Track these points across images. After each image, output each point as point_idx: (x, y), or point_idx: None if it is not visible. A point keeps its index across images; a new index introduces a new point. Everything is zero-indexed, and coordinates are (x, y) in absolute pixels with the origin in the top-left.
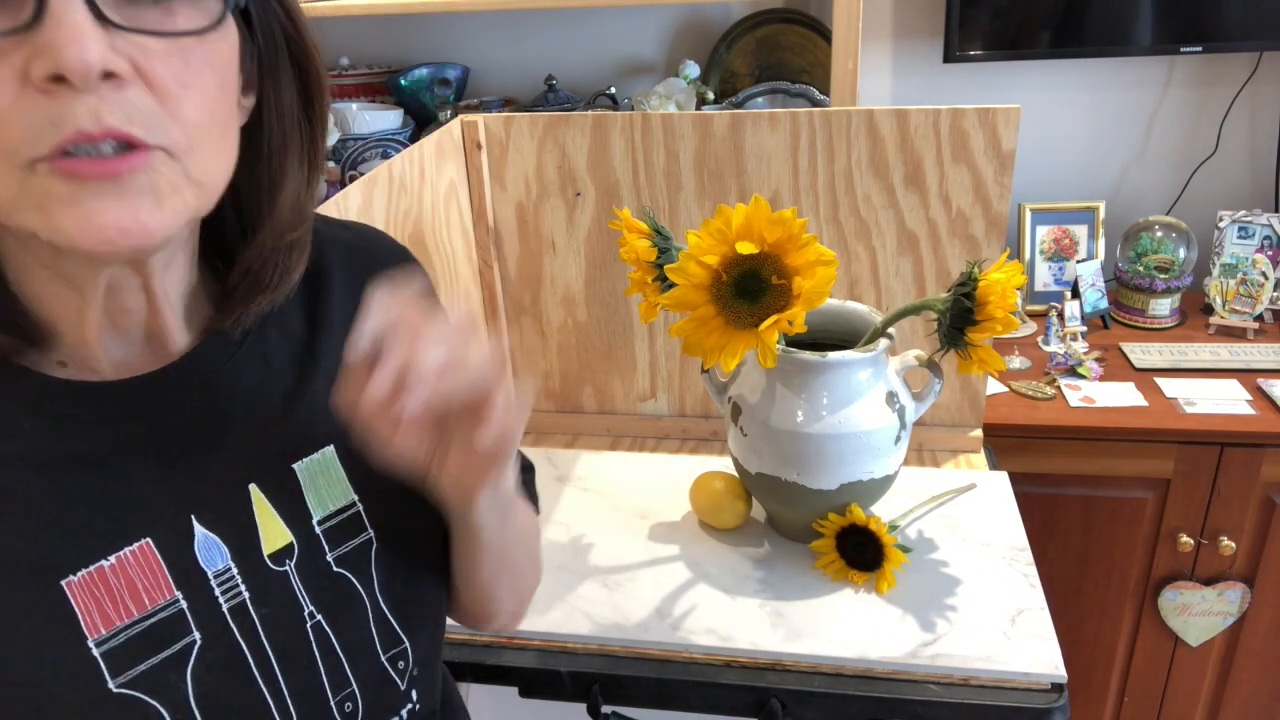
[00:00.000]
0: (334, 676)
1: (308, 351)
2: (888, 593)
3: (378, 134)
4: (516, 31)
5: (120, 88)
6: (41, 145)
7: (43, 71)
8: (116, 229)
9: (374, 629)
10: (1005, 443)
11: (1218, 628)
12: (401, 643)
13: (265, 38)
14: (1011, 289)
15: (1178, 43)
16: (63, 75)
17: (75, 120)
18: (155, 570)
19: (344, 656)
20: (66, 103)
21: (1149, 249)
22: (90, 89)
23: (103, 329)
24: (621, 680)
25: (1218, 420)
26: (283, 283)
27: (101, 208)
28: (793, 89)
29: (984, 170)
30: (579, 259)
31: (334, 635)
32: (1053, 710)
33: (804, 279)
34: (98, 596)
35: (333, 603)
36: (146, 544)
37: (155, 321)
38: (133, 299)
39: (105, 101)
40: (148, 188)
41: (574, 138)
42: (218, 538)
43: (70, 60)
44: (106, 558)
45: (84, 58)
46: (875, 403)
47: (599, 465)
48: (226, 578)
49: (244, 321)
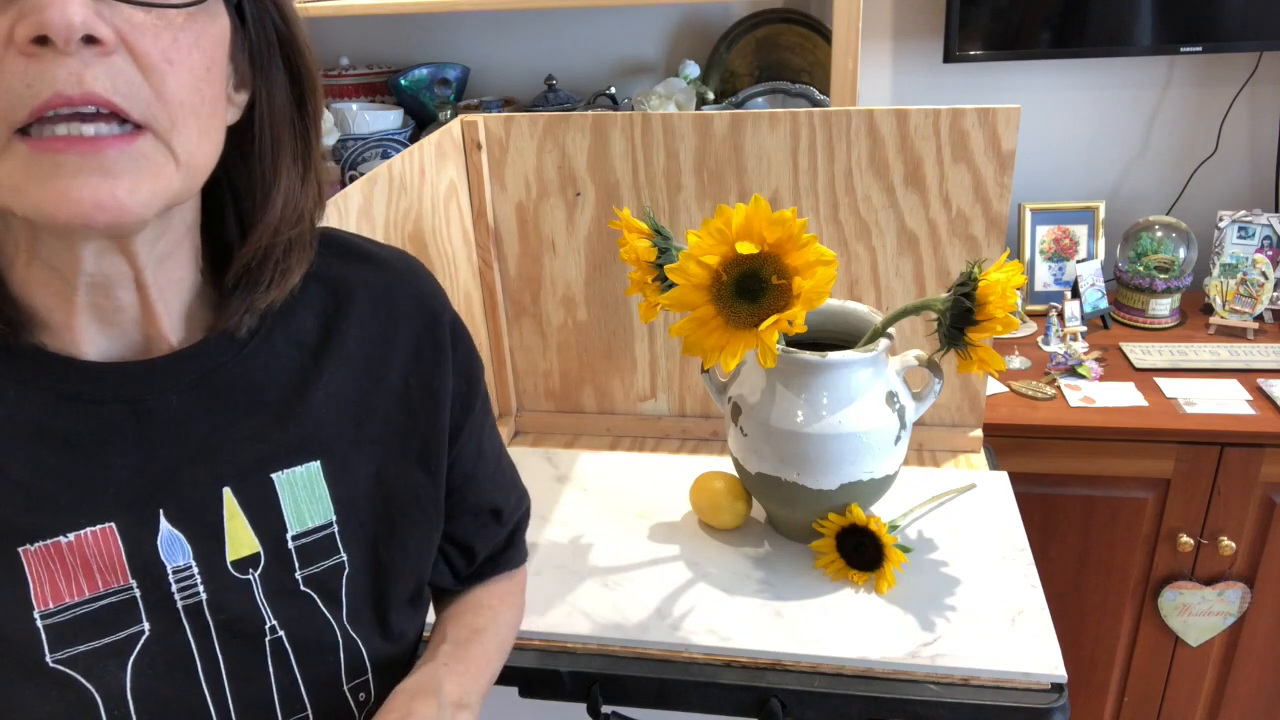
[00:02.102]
0: (287, 696)
1: (314, 362)
2: (888, 593)
3: (378, 134)
4: (516, 31)
5: (104, 54)
6: (20, 110)
7: (26, 33)
8: (92, 204)
9: (341, 655)
10: (1005, 443)
11: (1218, 628)
12: (365, 674)
13: (257, 33)
14: (1011, 289)
15: (1178, 43)
16: (45, 35)
17: (54, 83)
18: (113, 555)
19: (300, 678)
20: (47, 65)
21: (1149, 249)
22: (72, 51)
23: (90, 322)
24: (621, 680)
25: (1218, 420)
26: (282, 281)
27: (79, 184)
28: (793, 89)
29: (984, 170)
30: (579, 259)
31: (293, 654)
32: (1053, 710)
33: (804, 279)
34: (51, 570)
35: (296, 621)
36: (109, 528)
37: (148, 319)
38: (125, 294)
39: (89, 67)
40: (128, 167)
41: (574, 138)
42: (182, 535)
43: (53, 19)
44: (66, 534)
45: (66, 16)
46: (875, 403)
47: (599, 465)
48: (186, 575)
49: (247, 321)
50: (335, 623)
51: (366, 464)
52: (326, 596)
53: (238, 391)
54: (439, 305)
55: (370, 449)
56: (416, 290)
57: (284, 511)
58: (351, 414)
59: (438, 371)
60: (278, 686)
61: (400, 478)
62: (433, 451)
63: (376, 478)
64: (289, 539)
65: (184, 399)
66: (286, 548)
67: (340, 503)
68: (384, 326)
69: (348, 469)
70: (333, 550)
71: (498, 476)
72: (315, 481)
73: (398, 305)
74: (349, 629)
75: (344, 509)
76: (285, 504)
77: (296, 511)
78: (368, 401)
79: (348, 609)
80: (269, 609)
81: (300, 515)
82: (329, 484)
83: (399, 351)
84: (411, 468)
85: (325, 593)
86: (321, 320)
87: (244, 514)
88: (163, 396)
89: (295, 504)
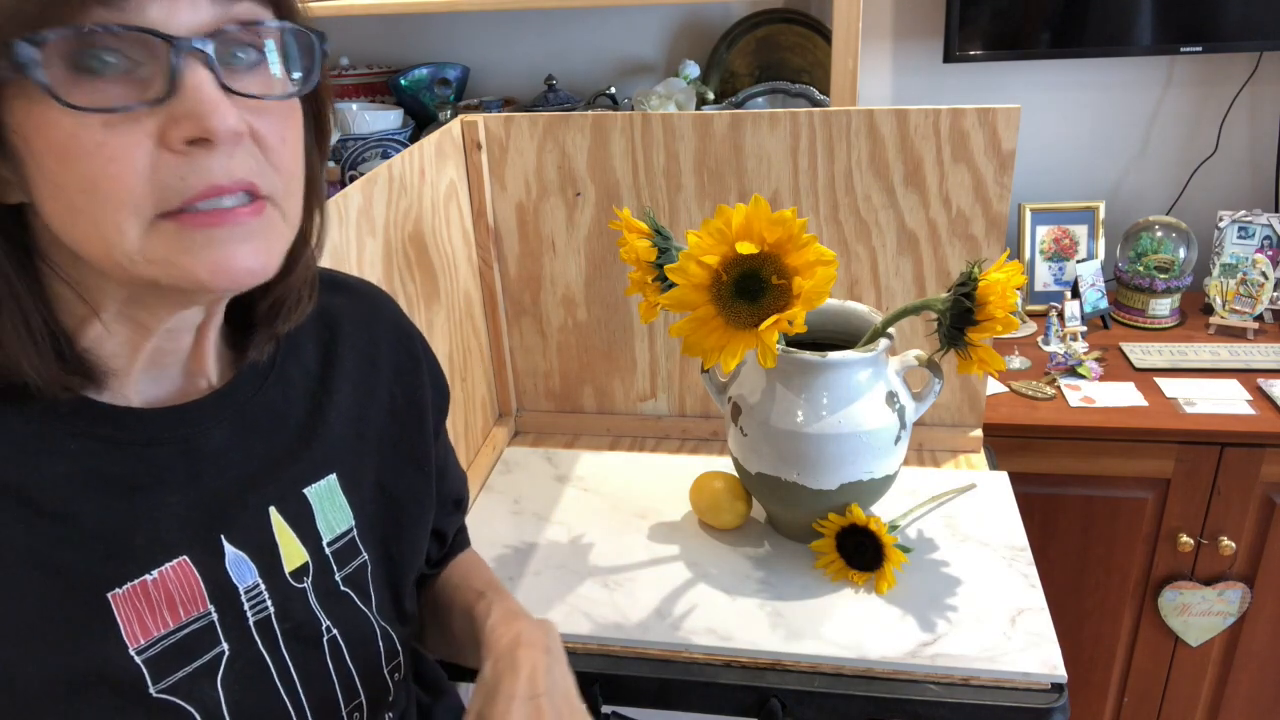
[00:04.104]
0: (346, 687)
1: (321, 386)
2: (888, 593)
3: (378, 134)
4: (516, 31)
5: (240, 143)
6: (173, 200)
7: (185, 135)
8: (245, 270)
9: (380, 643)
10: (1005, 443)
11: (1218, 628)
12: (398, 655)
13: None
14: (1011, 289)
15: (1178, 43)
16: (205, 138)
17: (209, 175)
18: (193, 585)
19: (354, 669)
20: (201, 160)
21: (1149, 249)
22: (228, 149)
23: (149, 367)
24: (621, 680)
25: (1218, 420)
26: (299, 310)
27: (231, 252)
28: (793, 89)
29: (984, 170)
30: (579, 259)
31: (346, 649)
32: (1053, 710)
33: (804, 279)
34: (138, 608)
35: (343, 618)
36: (183, 561)
37: (197, 358)
38: (185, 338)
39: (233, 158)
40: (260, 232)
41: (574, 138)
42: (245, 556)
43: (216, 125)
44: (150, 572)
45: (228, 123)
46: (875, 403)
47: (599, 465)
48: (255, 593)
49: (268, 350)
50: (370, 614)
51: (370, 471)
52: (361, 593)
53: (265, 419)
54: (408, 325)
55: (371, 458)
56: (389, 315)
57: (317, 522)
58: (354, 428)
59: (417, 383)
60: (338, 680)
61: (398, 480)
62: (423, 453)
63: (379, 482)
64: (325, 545)
65: (224, 432)
66: (325, 554)
67: (355, 508)
68: (369, 347)
69: (357, 477)
70: (356, 551)
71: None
72: (335, 491)
73: (377, 329)
74: (379, 618)
75: (359, 513)
76: (318, 515)
77: (325, 520)
78: (365, 415)
79: (375, 601)
80: (321, 611)
81: (329, 523)
82: (345, 492)
83: (384, 369)
84: (406, 470)
85: (360, 590)
86: (320, 347)
87: (290, 528)
88: (207, 433)
89: (324, 514)
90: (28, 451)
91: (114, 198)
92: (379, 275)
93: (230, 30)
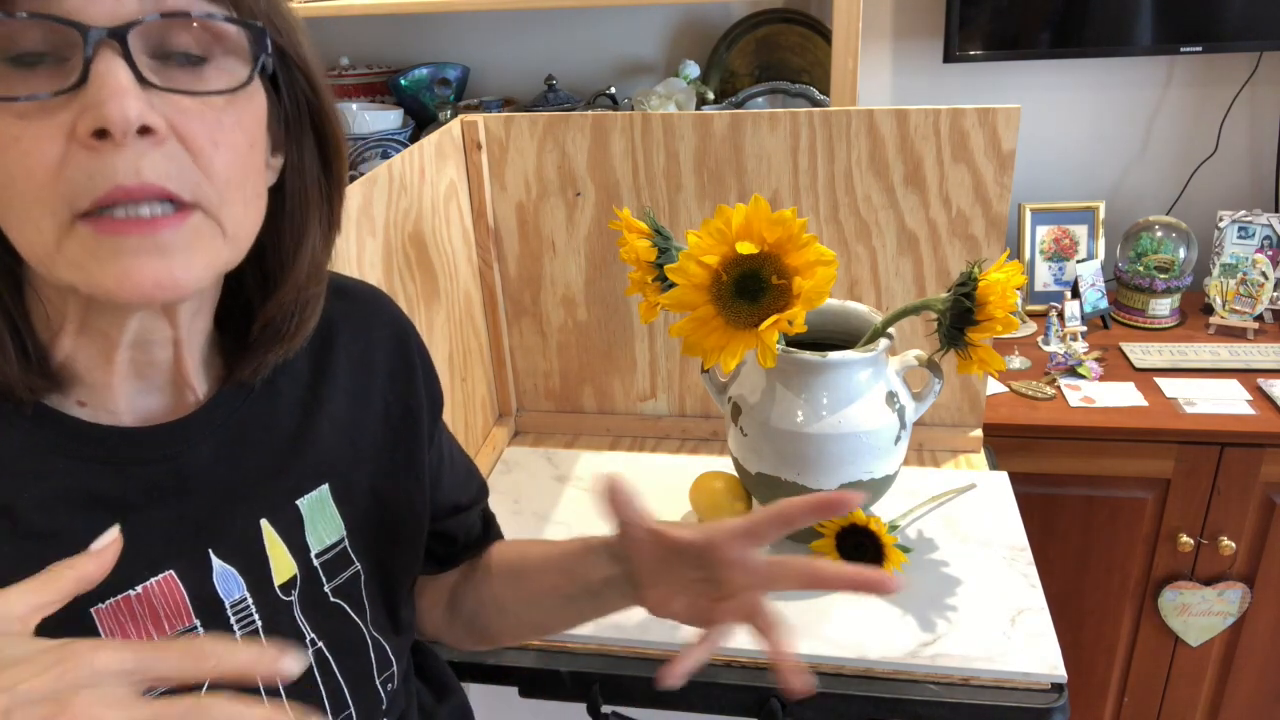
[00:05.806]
0: (334, 701)
1: (313, 395)
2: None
3: (378, 134)
4: (516, 31)
5: (158, 144)
6: (82, 200)
7: (87, 127)
8: (153, 283)
9: (372, 655)
10: (1005, 443)
11: (1218, 628)
12: (391, 666)
13: (290, 102)
14: (1011, 289)
15: (1178, 43)
16: (105, 129)
17: (114, 176)
18: (178, 599)
19: (344, 682)
20: (107, 158)
21: (1149, 249)
22: (129, 143)
23: (127, 378)
24: (621, 680)
25: (1218, 420)
26: (298, 335)
27: (139, 264)
28: (793, 89)
29: (984, 170)
30: (579, 259)
31: (335, 663)
32: (1053, 710)
33: (804, 279)
34: (122, 622)
35: (333, 631)
36: (169, 575)
37: (179, 372)
38: (161, 351)
39: (144, 157)
40: (182, 244)
41: (574, 138)
42: (234, 570)
43: (112, 114)
44: (134, 587)
45: (124, 112)
46: (875, 403)
47: (599, 465)
48: (241, 607)
49: (262, 371)
50: (362, 626)
51: (364, 480)
52: (354, 604)
53: (255, 431)
54: (405, 327)
55: (365, 466)
56: (386, 318)
57: (306, 534)
58: (348, 437)
59: (411, 389)
60: (326, 692)
61: (392, 488)
62: (417, 459)
63: (373, 491)
64: (313, 558)
65: (213, 447)
66: (313, 566)
67: (347, 518)
68: (364, 353)
69: (350, 487)
70: (348, 562)
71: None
72: (326, 502)
73: (373, 333)
74: (371, 629)
75: (351, 523)
76: (307, 526)
77: (315, 532)
78: (359, 423)
79: (370, 612)
80: (307, 624)
81: (319, 535)
82: (337, 503)
83: (378, 375)
84: (400, 477)
85: (352, 601)
86: (313, 355)
87: (282, 541)
88: (196, 449)
89: (314, 525)
90: (15, 472)
91: (28, 194)
92: (379, 275)
93: (151, 19)
